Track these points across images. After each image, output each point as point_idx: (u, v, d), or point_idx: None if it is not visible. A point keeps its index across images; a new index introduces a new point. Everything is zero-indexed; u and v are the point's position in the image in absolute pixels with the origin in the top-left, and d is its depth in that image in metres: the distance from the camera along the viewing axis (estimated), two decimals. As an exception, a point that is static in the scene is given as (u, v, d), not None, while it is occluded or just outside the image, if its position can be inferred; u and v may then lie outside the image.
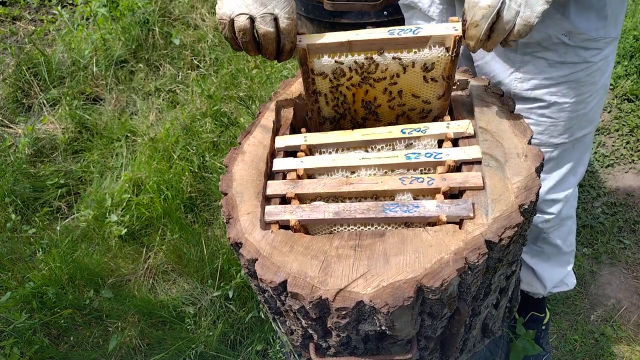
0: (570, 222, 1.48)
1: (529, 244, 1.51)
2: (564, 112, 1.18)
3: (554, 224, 1.42)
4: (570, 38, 1.07)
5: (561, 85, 1.15)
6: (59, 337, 1.77)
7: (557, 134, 1.23)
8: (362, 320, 0.86)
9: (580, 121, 1.22)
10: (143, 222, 2.04)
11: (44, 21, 3.17)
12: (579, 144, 1.29)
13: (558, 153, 1.27)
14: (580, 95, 1.16)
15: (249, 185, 1.01)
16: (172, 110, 2.51)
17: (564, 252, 1.51)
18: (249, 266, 0.91)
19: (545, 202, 1.37)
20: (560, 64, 1.11)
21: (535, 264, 1.53)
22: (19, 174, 2.27)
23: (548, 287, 1.55)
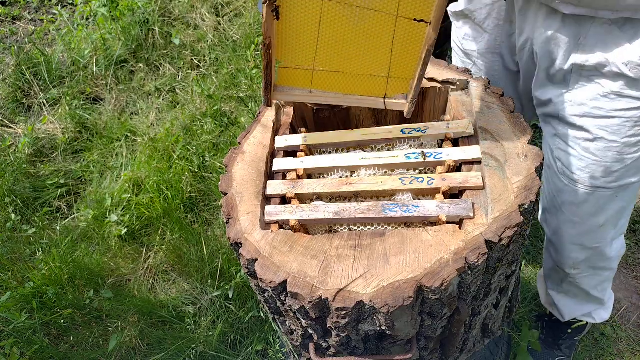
0: (607, 273, 1.33)
1: (555, 283, 1.43)
2: (611, 152, 1.04)
3: (583, 272, 1.30)
4: (632, 69, 0.95)
5: (613, 120, 1.01)
6: (59, 337, 1.77)
7: (600, 176, 1.08)
8: (362, 320, 0.86)
9: (629, 167, 1.06)
10: (143, 222, 2.04)
11: (44, 21, 3.17)
12: (624, 193, 1.12)
13: (597, 199, 1.12)
14: (633, 137, 1.02)
15: (249, 185, 1.01)
16: (172, 110, 2.51)
17: (593, 296, 1.39)
18: (248, 266, 0.91)
19: (573, 246, 1.25)
20: (616, 95, 0.99)
21: (558, 300, 1.46)
22: (18, 173, 2.27)
23: (566, 318, 1.48)
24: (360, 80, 0.95)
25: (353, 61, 0.92)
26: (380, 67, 0.92)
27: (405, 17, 0.85)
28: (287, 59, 0.92)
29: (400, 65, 0.92)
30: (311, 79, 0.95)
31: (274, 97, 0.95)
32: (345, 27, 0.87)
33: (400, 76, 0.93)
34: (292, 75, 0.94)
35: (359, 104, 0.98)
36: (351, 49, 0.90)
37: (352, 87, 0.96)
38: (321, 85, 0.96)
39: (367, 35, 0.88)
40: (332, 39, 0.89)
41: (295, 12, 0.86)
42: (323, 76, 0.95)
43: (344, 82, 0.95)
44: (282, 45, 0.90)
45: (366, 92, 0.96)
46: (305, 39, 0.89)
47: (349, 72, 0.94)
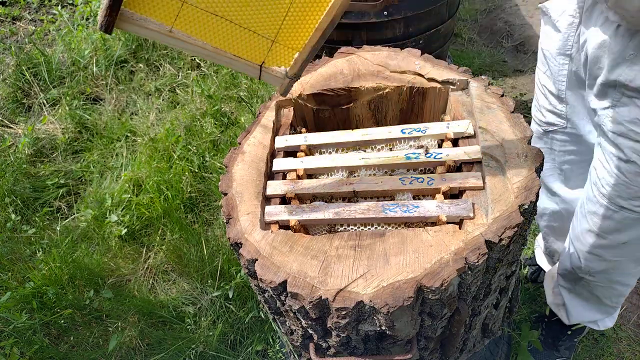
0: (624, 288, 1.31)
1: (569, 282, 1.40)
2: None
3: (599, 281, 1.29)
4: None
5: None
6: (59, 337, 1.77)
7: (627, 197, 1.07)
8: (362, 321, 0.86)
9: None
10: (143, 222, 2.05)
11: (44, 21, 3.17)
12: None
13: (621, 218, 1.10)
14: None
15: (249, 185, 1.01)
16: (172, 110, 2.51)
17: (605, 304, 1.37)
18: (248, 266, 0.91)
19: (591, 255, 1.23)
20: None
21: (569, 300, 1.44)
22: (19, 174, 2.27)
23: (571, 321, 1.47)
24: (238, 35, 0.75)
25: (239, 6, 0.72)
26: (268, 24, 0.74)
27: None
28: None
29: (291, 30, 0.74)
30: (176, 15, 0.71)
31: (117, 25, 0.68)
32: None
33: (287, 44, 0.76)
34: (154, 1, 0.69)
35: (229, 65, 0.77)
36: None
37: (227, 42, 0.75)
38: (187, 27, 0.72)
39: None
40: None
41: None
42: (194, 15, 0.72)
43: (218, 31, 0.74)
44: None
45: (242, 52, 0.77)
46: None
47: (228, 20, 0.73)
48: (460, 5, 2.22)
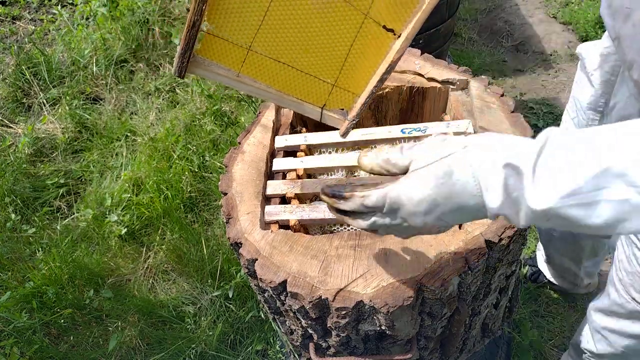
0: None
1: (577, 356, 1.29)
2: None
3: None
4: None
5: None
6: (58, 337, 1.77)
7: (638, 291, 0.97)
8: (362, 320, 0.86)
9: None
10: (143, 221, 2.04)
11: (44, 21, 3.17)
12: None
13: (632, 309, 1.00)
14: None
15: (248, 185, 1.01)
16: (172, 109, 2.51)
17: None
18: (248, 266, 0.91)
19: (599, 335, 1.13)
20: None
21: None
22: (18, 173, 2.27)
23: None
24: (301, 80, 0.78)
25: (300, 54, 0.75)
26: (329, 70, 0.77)
27: (375, 20, 0.71)
28: (221, 26, 0.72)
29: (350, 75, 0.77)
30: (243, 61, 0.75)
31: (189, 70, 0.74)
32: (302, 8, 0.70)
33: (347, 88, 0.79)
34: (221, 48, 0.74)
35: (293, 107, 0.82)
36: (302, 37, 0.73)
37: (290, 86, 0.79)
38: (253, 72, 0.77)
39: (325, 27, 0.72)
40: (284, 18, 0.71)
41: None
42: (259, 61, 0.76)
43: (281, 76, 0.78)
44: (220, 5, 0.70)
45: (304, 96, 0.80)
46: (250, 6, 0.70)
47: (291, 66, 0.77)
48: (460, 5, 2.22)
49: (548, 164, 0.51)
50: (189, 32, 0.69)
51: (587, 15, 2.70)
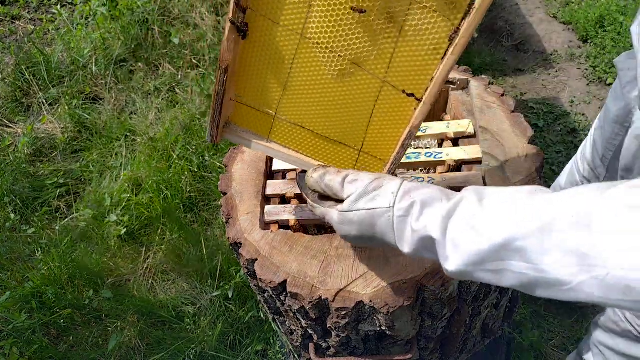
0: None
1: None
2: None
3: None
4: None
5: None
6: (58, 337, 1.77)
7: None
8: (362, 321, 0.86)
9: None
10: (142, 221, 2.04)
11: (44, 20, 3.16)
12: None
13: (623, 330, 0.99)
14: None
15: (248, 185, 1.01)
16: (171, 109, 2.50)
17: None
18: (248, 266, 0.90)
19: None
20: None
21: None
22: (18, 173, 2.27)
23: None
24: (328, 146, 0.78)
25: (324, 121, 0.76)
26: (353, 136, 0.77)
27: (393, 85, 0.71)
28: (247, 95, 0.75)
29: (376, 140, 0.77)
30: (270, 127, 0.78)
31: (221, 135, 0.77)
32: (320, 76, 0.72)
33: (373, 154, 0.78)
34: (250, 115, 0.77)
35: None
36: (324, 104, 0.74)
37: (318, 152, 0.79)
38: (282, 139, 0.79)
39: (344, 93, 0.72)
40: (304, 86, 0.73)
41: (265, 38, 0.70)
42: (286, 128, 0.78)
43: (309, 142, 0.79)
44: (243, 76, 0.73)
45: (333, 161, 0.80)
46: (271, 76, 0.73)
47: (316, 133, 0.77)
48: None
49: (457, 230, 0.57)
50: (215, 101, 0.73)
51: (587, 15, 2.70)
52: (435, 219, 0.59)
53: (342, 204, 0.70)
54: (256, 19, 0.68)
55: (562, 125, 2.32)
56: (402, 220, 0.63)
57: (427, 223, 0.60)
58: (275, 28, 0.69)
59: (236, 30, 0.67)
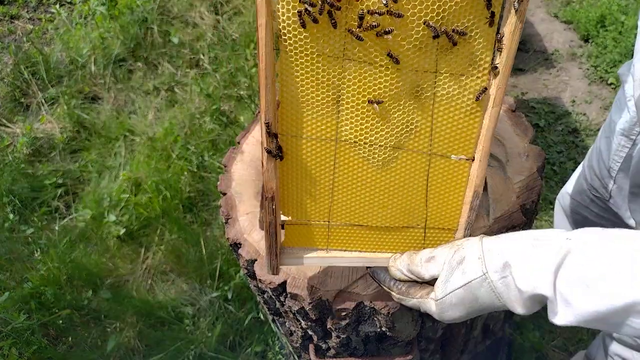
0: None
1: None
2: None
3: None
4: None
5: None
6: (57, 338, 1.76)
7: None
8: (362, 322, 0.85)
9: None
10: (141, 222, 2.04)
11: (42, 20, 3.16)
12: None
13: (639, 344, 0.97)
14: None
15: (248, 185, 1.00)
16: (170, 109, 2.50)
17: None
18: (248, 267, 0.90)
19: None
20: None
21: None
22: (17, 173, 2.26)
23: None
24: (391, 235, 0.77)
25: (379, 211, 0.75)
26: (414, 216, 0.75)
27: (440, 154, 0.71)
28: (295, 214, 0.75)
29: (439, 212, 0.75)
30: (327, 237, 0.77)
31: (281, 263, 0.76)
32: (365, 171, 0.72)
33: (440, 226, 0.76)
34: (303, 232, 0.76)
35: None
36: (375, 196, 0.74)
37: (382, 243, 0.78)
38: (341, 243, 0.78)
39: (394, 179, 0.72)
40: (351, 186, 0.73)
41: (303, 159, 0.71)
42: (343, 232, 0.77)
43: (370, 237, 0.77)
44: (288, 196, 0.73)
45: (400, 247, 0.78)
46: (316, 187, 0.73)
47: (375, 226, 0.76)
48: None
49: (568, 286, 0.55)
50: (268, 232, 0.72)
51: (588, 14, 2.69)
52: (542, 275, 0.56)
53: (429, 288, 0.67)
54: (288, 140, 0.69)
55: (563, 125, 2.32)
56: (503, 283, 0.60)
57: (534, 281, 0.57)
58: (309, 143, 0.70)
59: (273, 157, 0.68)
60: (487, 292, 0.61)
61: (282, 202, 0.74)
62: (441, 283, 0.65)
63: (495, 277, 0.60)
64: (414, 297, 0.69)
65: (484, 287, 0.61)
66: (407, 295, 0.70)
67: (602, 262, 0.53)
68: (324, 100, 0.67)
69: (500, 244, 0.62)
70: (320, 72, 0.65)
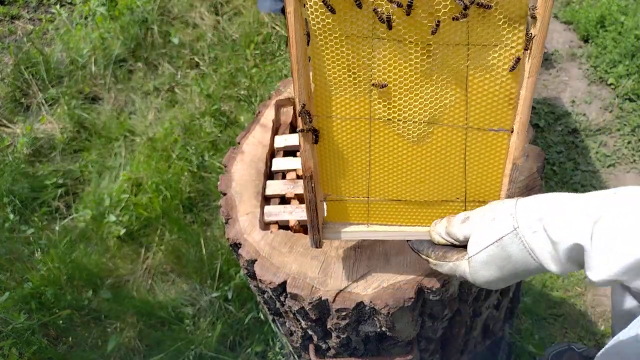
0: None
1: None
2: None
3: None
4: None
5: None
6: (57, 338, 1.76)
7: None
8: (362, 321, 0.85)
9: None
10: (142, 222, 2.04)
11: (43, 20, 3.16)
12: None
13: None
14: None
15: (248, 185, 1.00)
16: (171, 109, 2.50)
17: None
18: (248, 267, 0.90)
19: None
20: None
21: None
22: (17, 173, 2.26)
23: None
24: (429, 209, 0.77)
25: (418, 186, 0.75)
26: (452, 190, 0.75)
27: (477, 127, 0.70)
28: (335, 190, 0.76)
29: (478, 186, 0.74)
30: (367, 212, 0.78)
31: (324, 237, 0.78)
32: (401, 147, 0.72)
33: (480, 199, 0.75)
34: (343, 208, 0.78)
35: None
36: (413, 171, 0.74)
37: (422, 217, 0.78)
38: (381, 218, 0.78)
39: (430, 154, 0.72)
40: (388, 162, 0.73)
41: (339, 138, 0.72)
42: (382, 207, 0.77)
43: (409, 211, 0.77)
44: (326, 174, 0.75)
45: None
46: (354, 165, 0.74)
47: (415, 200, 0.76)
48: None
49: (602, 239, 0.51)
50: (309, 209, 0.74)
51: (588, 15, 2.70)
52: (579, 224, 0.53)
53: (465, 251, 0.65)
54: (322, 121, 0.70)
55: (563, 125, 2.32)
56: (535, 238, 0.57)
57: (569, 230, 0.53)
58: (343, 123, 0.71)
59: (309, 139, 0.70)
60: (519, 248, 0.58)
61: (322, 180, 0.75)
62: (473, 241, 0.63)
63: (527, 232, 0.57)
64: (450, 260, 0.67)
65: (515, 243, 0.58)
66: (443, 260, 0.69)
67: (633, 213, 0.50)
68: (355, 80, 0.67)
69: (535, 200, 0.59)
70: (350, 52, 0.66)
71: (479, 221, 0.64)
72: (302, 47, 0.64)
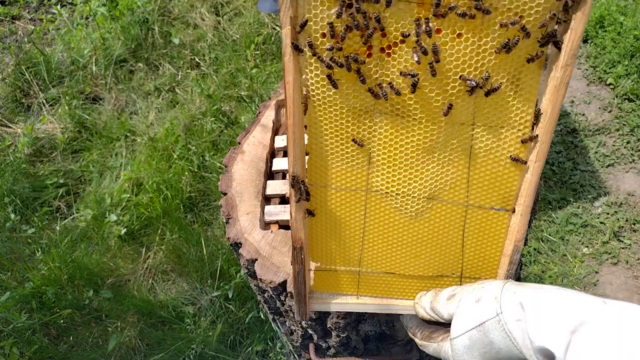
0: None
1: None
2: None
3: None
4: None
5: None
6: (58, 337, 1.77)
7: None
8: (362, 321, 0.86)
9: None
10: (142, 222, 2.04)
11: (44, 20, 3.16)
12: None
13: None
14: None
15: (248, 185, 1.00)
16: (171, 109, 2.50)
17: None
18: (248, 266, 0.90)
19: None
20: None
21: None
22: (18, 173, 2.27)
23: None
24: (425, 283, 0.74)
25: (412, 260, 0.73)
26: (448, 265, 0.73)
27: (478, 205, 0.68)
28: (326, 259, 0.74)
29: (475, 262, 0.72)
30: (357, 283, 0.75)
31: (311, 308, 0.76)
32: (398, 221, 0.70)
33: (476, 276, 0.74)
34: (333, 278, 0.75)
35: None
36: (408, 245, 0.72)
37: (414, 291, 0.75)
38: (371, 290, 0.76)
39: (428, 229, 0.70)
40: (383, 235, 0.71)
41: (333, 208, 0.70)
42: (374, 279, 0.75)
43: (402, 284, 0.75)
44: (317, 243, 0.73)
45: None
46: (346, 235, 0.72)
47: (408, 274, 0.74)
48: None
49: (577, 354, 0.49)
50: (296, 281, 0.71)
51: (587, 15, 2.70)
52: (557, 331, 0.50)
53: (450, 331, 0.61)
54: (317, 190, 0.69)
55: (562, 125, 2.32)
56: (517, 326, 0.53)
57: (547, 334, 0.51)
58: (338, 193, 0.69)
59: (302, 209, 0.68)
60: (502, 336, 0.55)
61: (312, 250, 0.73)
62: (456, 322, 0.60)
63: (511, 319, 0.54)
64: (435, 341, 0.64)
65: (498, 330, 0.55)
66: (428, 340, 0.65)
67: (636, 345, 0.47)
68: (353, 152, 0.66)
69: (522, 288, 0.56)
70: (350, 125, 0.64)
71: (464, 300, 0.61)
72: (299, 116, 0.63)
